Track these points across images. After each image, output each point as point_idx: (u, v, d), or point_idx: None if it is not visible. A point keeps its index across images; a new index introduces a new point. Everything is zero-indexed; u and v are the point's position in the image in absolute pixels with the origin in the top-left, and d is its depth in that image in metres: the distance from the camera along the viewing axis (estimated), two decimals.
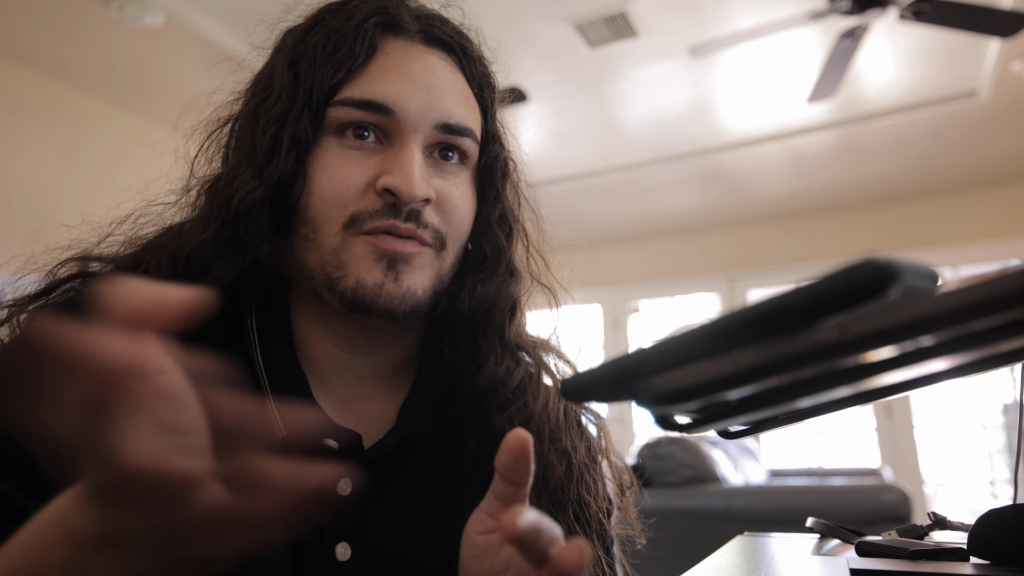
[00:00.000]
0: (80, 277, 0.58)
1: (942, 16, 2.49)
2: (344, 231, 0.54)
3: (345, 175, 0.55)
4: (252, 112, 0.58)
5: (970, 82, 3.47)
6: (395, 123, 0.55)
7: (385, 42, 0.58)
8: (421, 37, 0.59)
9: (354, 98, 0.55)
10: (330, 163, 0.55)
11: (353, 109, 0.55)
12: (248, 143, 0.57)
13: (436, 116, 0.57)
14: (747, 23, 2.87)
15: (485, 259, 0.63)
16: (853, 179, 4.67)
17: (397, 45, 0.58)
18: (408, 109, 0.55)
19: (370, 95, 0.55)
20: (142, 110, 3.45)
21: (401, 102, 0.55)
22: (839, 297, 0.23)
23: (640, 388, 0.31)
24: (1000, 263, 4.06)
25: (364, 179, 0.55)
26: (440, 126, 0.57)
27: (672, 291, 5.76)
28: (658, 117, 3.79)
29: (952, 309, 0.24)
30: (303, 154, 0.55)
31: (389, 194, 0.54)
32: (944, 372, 0.31)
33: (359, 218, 0.54)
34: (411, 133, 0.56)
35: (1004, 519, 0.53)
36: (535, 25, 2.88)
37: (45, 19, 2.77)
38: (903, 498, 2.24)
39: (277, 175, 0.54)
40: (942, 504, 4.80)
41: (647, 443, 2.84)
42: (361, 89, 0.55)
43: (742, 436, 0.38)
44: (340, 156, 0.55)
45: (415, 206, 0.55)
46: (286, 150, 0.55)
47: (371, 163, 0.55)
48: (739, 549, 0.65)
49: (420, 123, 0.56)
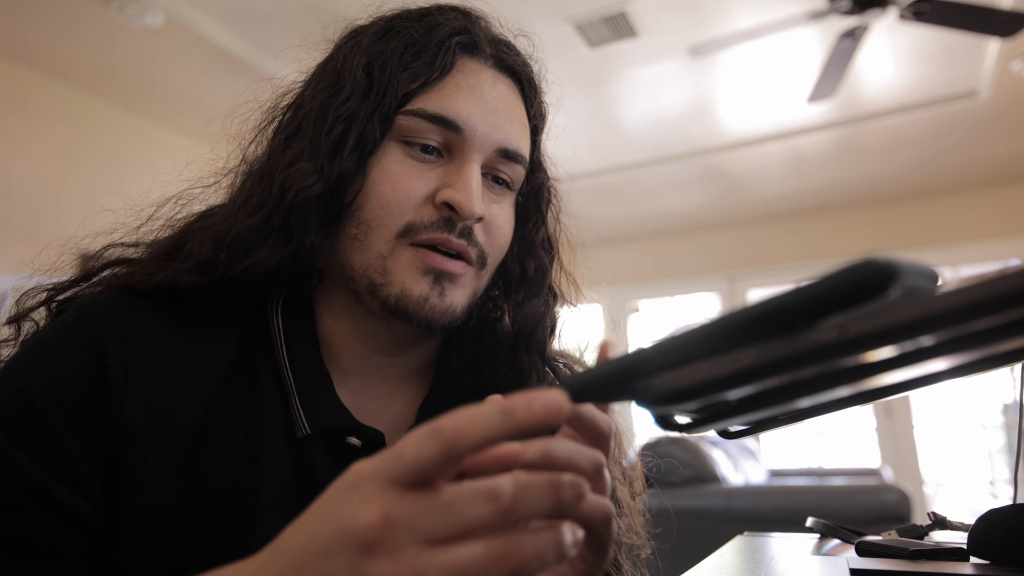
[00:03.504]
0: (118, 264, 0.59)
1: (942, 16, 2.49)
2: (397, 239, 0.55)
3: (408, 184, 0.56)
4: (319, 106, 0.59)
5: (970, 82, 3.47)
6: (461, 140, 0.57)
7: (462, 62, 0.59)
8: (494, 62, 0.61)
9: (427, 111, 0.56)
10: (394, 170, 0.56)
11: (424, 121, 0.56)
12: (311, 137, 0.58)
13: (499, 140, 0.58)
14: (747, 23, 2.87)
15: (528, 279, 0.65)
16: (853, 179, 4.67)
17: (473, 67, 0.60)
18: (476, 129, 0.57)
19: (442, 111, 0.56)
20: (142, 110, 3.44)
21: (471, 121, 0.57)
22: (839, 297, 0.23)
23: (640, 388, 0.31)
24: (1000, 263, 4.06)
25: (425, 191, 0.56)
26: (500, 150, 0.59)
27: (672, 291, 5.76)
28: (658, 117, 3.79)
29: (952, 309, 0.24)
30: (366, 156, 0.56)
31: (447, 208, 0.55)
32: (944, 372, 0.31)
33: (414, 228, 0.55)
34: (474, 152, 0.57)
35: (1004, 519, 0.53)
36: (535, 25, 2.86)
37: (45, 19, 2.77)
38: (903, 498, 2.23)
39: (337, 173, 0.55)
40: (942, 504, 4.80)
41: (647, 443, 2.84)
42: (435, 103, 0.57)
43: (742, 436, 0.38)
44: (404, 164, 0.56)
45: (469, 223, 0.56)
46: (350, 149, 0.56)
47: (432, 176, 0.57)
48: (739, 549, 0.65)
49: (484, 144, 0.57)
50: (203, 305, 0.56)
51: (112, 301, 0.54)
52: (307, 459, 0.54)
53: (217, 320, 0.57)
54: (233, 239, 0.56)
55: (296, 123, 0.61)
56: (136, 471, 0.49)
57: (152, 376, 0.52)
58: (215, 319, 0.57)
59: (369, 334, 0.60)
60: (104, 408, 0.49)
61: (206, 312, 0.57)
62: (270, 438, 0.54)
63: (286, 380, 0.56)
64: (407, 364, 0.63)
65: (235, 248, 0.55)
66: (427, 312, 0.55)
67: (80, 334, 0.52)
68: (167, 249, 0.59)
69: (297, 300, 0.61)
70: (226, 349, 0.56)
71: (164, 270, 0.56)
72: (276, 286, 0.60)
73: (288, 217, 0.55)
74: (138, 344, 0.52)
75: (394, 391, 0.62)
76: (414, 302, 0.55)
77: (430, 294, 0.55)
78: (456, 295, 0.57)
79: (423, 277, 0.56)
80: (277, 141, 0.61)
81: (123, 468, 0.49)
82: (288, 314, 0.60)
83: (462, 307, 0.58)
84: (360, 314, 0.59)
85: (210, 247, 0.56)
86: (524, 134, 0.62)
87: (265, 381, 0.56)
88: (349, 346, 0.60)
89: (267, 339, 0.58)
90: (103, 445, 0.49)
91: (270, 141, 0.62)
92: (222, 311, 0.57)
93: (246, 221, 0.56)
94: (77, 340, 0.51)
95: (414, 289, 0.55)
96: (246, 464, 0.52)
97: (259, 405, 0.55)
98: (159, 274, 0.56)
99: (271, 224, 0.56)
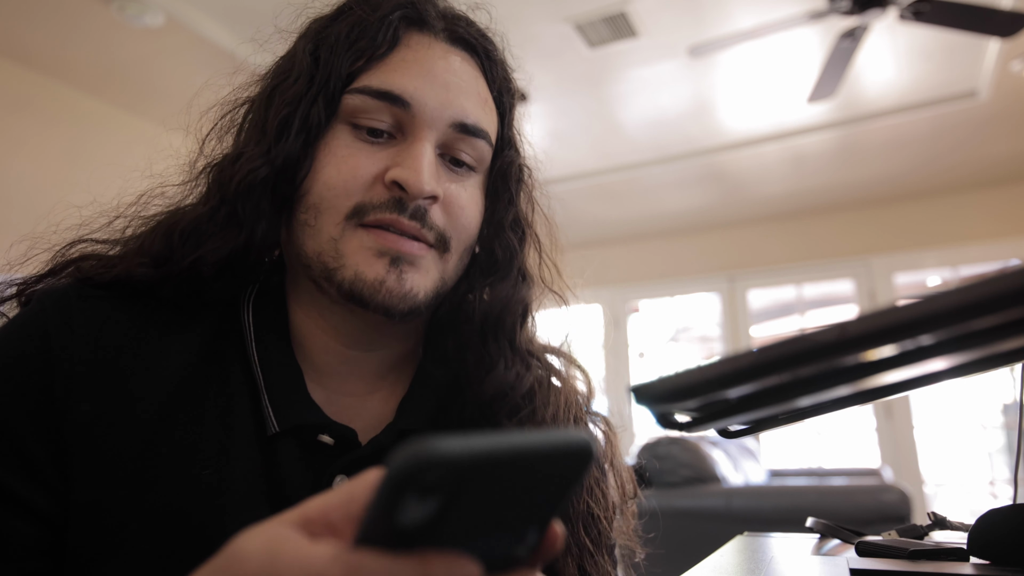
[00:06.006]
0: (85, 259, 0.58)
1: (942, 16, 2.49)
2: (346, 221, 0.53)
3: (355, 164, 0.54)
4: (268, 93, 0.58)
5: (970, 82, 3.47)
6: (410, 117, 0.54)
7: (409, 36, 0.57)
8: (445, 35, 0.59)
9: (371, 87, 0.54)
10: (340, 151, 0.54)
11: (369, 98, 0.54)
12: (259, 124, 0.57)
13: (452, 114, 0.56)
14: (747, 23, 2.87)
15: (496, 263, 0.62)
16: (853, 179, 4.67)
17: (421, 40, 0.57)
18: (425, 103, 0.54)
19: (388, 85, 0.54)
20: (142, 110, 3.45)
21: (419, 96, 0.54)
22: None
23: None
24: (1000, 263, 4.06)
25: (373, 170, 0.54)
26: (456, 125, 0.56)
27: (672, 291, 5.76)
28: (658, 117, 3.79)
29: (952, 309, 0.24)
30: (313, 138, 0.55)
31: (397, 187, 0.53)
32: (944, 372, 0.31)
33: (363, 209, 0.53)
34: (425, 129, 0.55)
35: (1004, 519, 0.53)
36: (535, 25, 2.88)
37: (45, 19, 2.77)
38: (903, 498, 2.23)
39: (283, 156, 0.54)
40: (942, 504, 4.80)
41: (647, 443, 2.84)
42: (379, 79, 0.55)
43: (742, 435, 0.38)
44: (352, 146, 0.55)
45: (421, 203, 0.54)
46: (295, 132, 0.54)
47: (382, 156, 0.55)
48: (739, 549, 0.65)
49: (435, 119, 0.55)
50: (166, 299, 0.56)
51: (66, 292, 0.54)
52: (277, 458, 0.53)
53: (181, 314, 0.56)
54: (184, 229, 0.54)
55: (249, 114, 0.60)
56: (85, 462, 0.48)
57: (103, 367, 0.51)
58: (179, 313, 0.56)
59: (338, 327, 0.58)
60: (50, 399, 0.49)
61: (170, 307, 0.56)
62: (239, 436, 0.53)
63: (256, 377, 0.55)
64: (383, 359, 0.61)
65: (186, 239, 0.54)
66: (384, 296, 0.53)
67: (29, 326, 0.51)
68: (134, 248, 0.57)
69: (269, 294, 0.60)
70: (190, 344, 0.55)
71: (122, 263, 0.55)
72: (247, 280, 0.59)
73: (236, 204, 0.54)
74: (88, 335, 0.52)
75: (371, 387, 0.61)
76: (369, 286, 0.53)
77: (386, 277, 0.53)
78: (417, 279, 0.54)
79: (377, 259, 0.53)
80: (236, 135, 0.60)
81: (73, 459, 0.48)
82: (260, 308, 0.59)
83: (425, 293, 0.55)
84: (326, 304, 0.57)
85: (162, 239, 0.55)
86: (484, 108, 0.59)
87: (235, 378, 0.55)
88: (322, 342, 0.58)
89: (239, 335, 0.57)
90: (54, 436, 0.48)
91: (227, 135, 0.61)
92: (186, 306, 0.56)
93: (196, 211, 0.55)
94: (25, 331, 0.51)
95: (367, 272, 0.53)
96: (214, 461, 0.51)
97: (229, 403, 0.54)
98: (117, 267, 0.55)
99: (220, 212, 0.54)
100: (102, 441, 0.49)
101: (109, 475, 0.49)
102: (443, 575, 0.23)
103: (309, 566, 0.24)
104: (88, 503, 0.48)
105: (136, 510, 0.48)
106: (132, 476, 0.49)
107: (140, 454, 0.50)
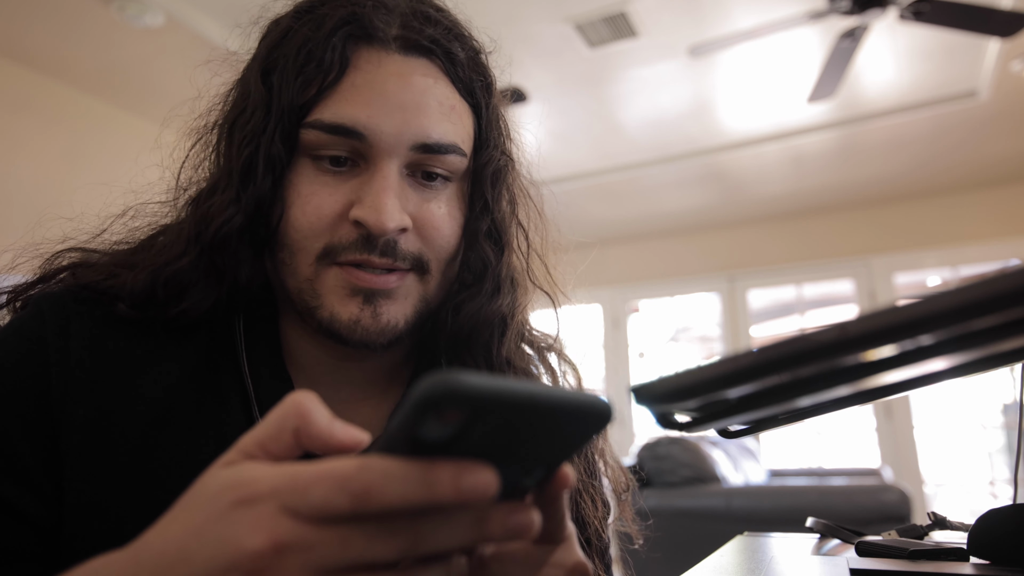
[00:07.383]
0: (76, 267, 0.58)
1: (942, 16, 2.49)
2: (318, 262, 0.53)
3: (317, 204, 0.52)
4: (229, 126, 0.56)
5: (970, 82, 3.47)
6: (368, 147, 0.52)
7: (358, 55, 0.53)
8: (398, 44, 0.54)
9: (323, 121, 0.51)
10: (304, 190, 0.53)
11: (323, 133, 0.52)
12: (224, 162, 0.56)
13: (412, 136, 0.52)
14: (747, 23, 2.87)
15: (470, 274, 0.59)
16: (853, 179, 4.67)
17: (371, 57, 0.53)
18: (380, 132, 0.51)
19: (339, 119, 0.51)
20: (142, 110, 3.44)
21: (373, 125, 0.51)
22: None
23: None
24: (1000, 263, 4.06)
25: (336, 208, 0.52)
26: (418, 147, 0.53)
27: (672, 291, 5.76)
28: (658, 117, 3.79)
29: (952, 309, 0.24)
30: (279, 177, 0.53)
31: (362, 225, 0.52)
32: (944, 372, 0.31)
33: (333, 250, 0.52)
34: (385, 158, 0.52)
35: (1004, 519, 0.53)
36: (535, 25, 2.87)
37: (45, 19, 2.77)
38: (903, 498, 2.24)
39: (255, 200, 0.52)
40: (942, 504, 4.80)
41: (647, 443, 2.84)
42: (331, 111, 0.51)
43: (742, 435, 0.38)
44: (315, 182, 0.53)
45: (390, 238, 0.52)
46: (262, 173, 0.52)
47: (345, 189, 0.53)
48: (739, 549, 0.65)
49: (395, 145, 0.52)
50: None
51: (62, 297, 0.53)
52: None
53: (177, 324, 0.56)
54: (168, 279, 0.54)
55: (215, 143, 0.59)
56: (81, 466, 0.48)
57: (100, 372, 0.51)
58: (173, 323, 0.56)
59: (327, 345, 0.57)
60: (46, 403, 0.49)
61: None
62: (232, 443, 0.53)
63: (247, 388, 0.55)
64: (376, 367, 0.61)
65: (170, 288, 0.54)
66: (360, 335, 0.52)
67: (25, 330, 0.51)
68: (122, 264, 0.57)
69: (262, 306, 0.59)
70: (184, 351, 0.55)
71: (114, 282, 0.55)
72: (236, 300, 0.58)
73: (214, 255, 0.53)
74: (85, 339, 0.52)
75: (363, 395, 0.61)
76: (344, 325, 0.52)
77: (360, 316, 0.52)
78: (393, 311, 0.54)
79: (351, 298, 0.52)
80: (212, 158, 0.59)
81: (68, 463, 0.48)
82: (252, 322, 0.59)
83: (406, 320, 0.55)
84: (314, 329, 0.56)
85: (144, 284, 0.54)
86: (450, 118, 0.55)
87: (228, 390, 0.55)
88: (313, 355, 0.58)
89: (231, 345, 0.57)
90: (48, 441, 0.48)
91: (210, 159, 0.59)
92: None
93: (178, 263, 0.54)
94: (23, 336, 0.51)
95: (342, 312, 0.52)
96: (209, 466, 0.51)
97: (222, 411, 0.54)
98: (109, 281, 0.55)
99: (200, 264, 0.54)
100: (98, 445, 0.49)
101: (106, 478, 0.49)
102: (449, 477, 0.24)
103: (331, 468, 0.25)
104: (85, 506, 0.48)
105: (133, 513, 0.48)
106: (129, 479, 0.49)
107: (136, 458, 0.50)
